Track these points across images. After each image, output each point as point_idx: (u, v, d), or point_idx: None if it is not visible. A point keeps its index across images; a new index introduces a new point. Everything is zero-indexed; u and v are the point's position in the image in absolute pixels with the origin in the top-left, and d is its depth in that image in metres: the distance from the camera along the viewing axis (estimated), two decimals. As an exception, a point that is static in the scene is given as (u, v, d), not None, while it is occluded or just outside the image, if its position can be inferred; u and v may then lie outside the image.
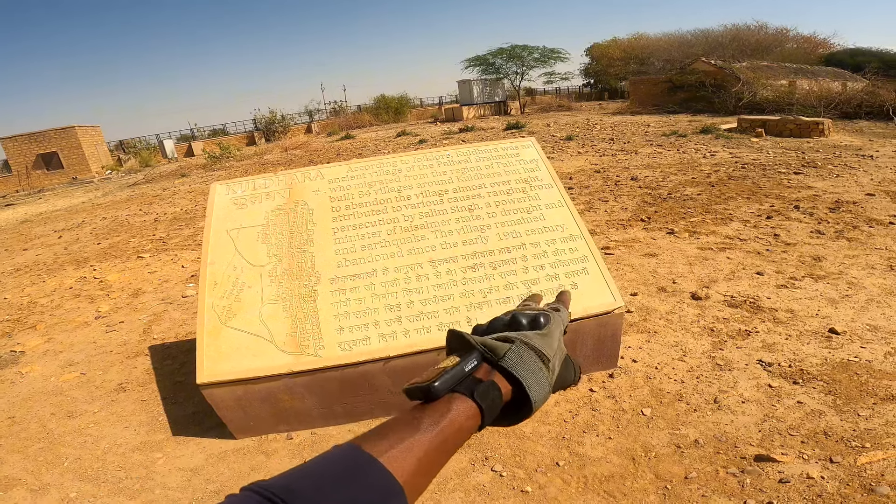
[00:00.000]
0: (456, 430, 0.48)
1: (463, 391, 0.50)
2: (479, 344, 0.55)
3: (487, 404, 0.51)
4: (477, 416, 0.50)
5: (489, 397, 0.51)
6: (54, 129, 26.11)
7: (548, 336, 0.58)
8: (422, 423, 0.47)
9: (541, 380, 0.54)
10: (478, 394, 0.50)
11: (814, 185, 6.46)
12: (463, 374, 0.52)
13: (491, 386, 0.52)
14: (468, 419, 0.50)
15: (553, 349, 0.58)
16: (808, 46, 28.62)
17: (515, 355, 0.54)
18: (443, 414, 0.48)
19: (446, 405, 0.49)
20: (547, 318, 0.60)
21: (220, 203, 2.96)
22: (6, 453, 2.76)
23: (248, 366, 2.39)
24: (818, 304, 3.36)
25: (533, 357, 0.55)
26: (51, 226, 10.85)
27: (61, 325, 4.61)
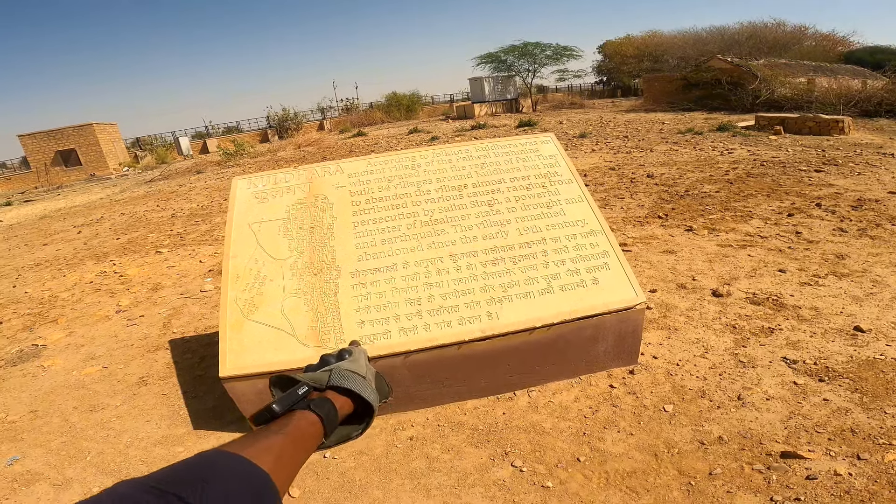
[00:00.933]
0: (303, 434, 0.58)
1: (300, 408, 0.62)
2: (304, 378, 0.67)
3: (325, 412, 0.62)
4: (318, 423, 0.61)
5: (325, 408, 0.62)
6: (72, 127, 26.54)
7: (355, 361, 0.74)
8: (271, 430, 0.56)
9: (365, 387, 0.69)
10: (314, 405, 0.62)
11: (835, 183, 6.35)
12: (297, 397, 0.64)
13: (324, 400, 0.64)
14: (311, 424, 0.60)
15: (363, 369, 0.73)
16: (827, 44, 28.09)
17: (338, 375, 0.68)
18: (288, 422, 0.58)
19: (289, 417, 0.60)
20: (350, 351, 0.77)
21: (242, 197, 2.98)
22: (29, 447, 2.79)
23: (269, 359, 2.41)
24: (842, 302, 3.30)
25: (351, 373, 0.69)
26: (70, 221, 11.02)
27: (82, 319, 4.68)
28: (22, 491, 2.43)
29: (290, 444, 0.54)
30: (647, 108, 21.02)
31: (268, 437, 0.54)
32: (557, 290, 2.57)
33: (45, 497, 2.38)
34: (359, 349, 0.80)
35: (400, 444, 2.45)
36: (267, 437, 0.54)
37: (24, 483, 2.49)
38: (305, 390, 0.65)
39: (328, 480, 2.27)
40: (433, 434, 2.49)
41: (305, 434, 0.58)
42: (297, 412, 0.61)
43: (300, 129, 30.61)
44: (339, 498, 2.17)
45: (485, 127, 18.39)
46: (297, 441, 0.56)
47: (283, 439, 0.54)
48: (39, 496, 2.39)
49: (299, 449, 0.56)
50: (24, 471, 2.59)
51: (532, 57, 29.51)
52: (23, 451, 2.77)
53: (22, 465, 2.64)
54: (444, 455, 2.35)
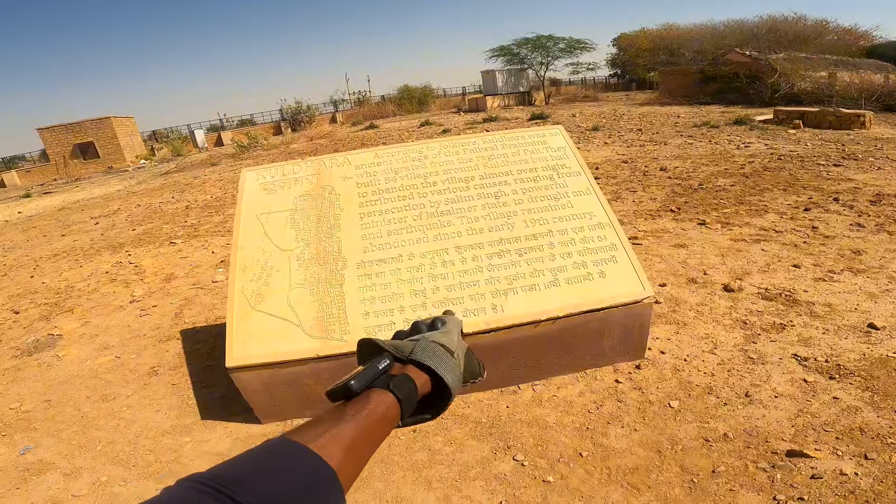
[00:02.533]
0: (378, 419, 0.53)
1: (380, 386, 0.56)
2: (388, 346, 0.62)
3: (404, 394, 0.57)
4: (396, 406, 0.56)
5: (405, 388, 0.57)
6: (90, 120, 26.92)
7: (447, 333, 0.67)
8: (345, 415, 0.52)
9: (451, 366, 0.62)
10: (393, 385, 0.56)
11: (854, 178, 6.20)
12: (377, 372, 0.58)
13: (405, 378, 0.58)
14: (388, 408, 0.55)
15: (454, 344, 0.66)
16: (849, 39, 27.43)
17: (422, 349, 0.62)
18: (363, 405, 0.54)
19: (365, 399, 0.55)
20: (443, 321, 0.71)
21: (251, 188, 2.99)
22: (41, 437, 2.83)
23: (275, 349, 2.43)
24: (857, 299, 3.23)
25: (438, 348, 0.63)
26: (87, 213, 11.19)
27: (97, 309, 4.75)
28: (33, 480, 2.47)
29: (363, 432, 0.51)
30: (662, 102, 20.72)
31: (340, 423, 0.51)
32: (563, 283, 2.55)
33: (55, 486, 2.42)
34: (454, 319, 0.73)
35: (402, 435, 2.46)
36: (339, 424, 0.50)
37: (35, 472, 2.53)
38: (386, 364, 0.59)
39: (332, 471, 2.29)
40: (436, 426, 2.50)
41: (381, 419, 0.54)
42: (374, 392, 0.56)
43: (313, 122, 30.71)
44: (341, 488, 2.18)
45: (497, 119, 18.27)
46: (371, 428, 0.52)
47: (356, 426, 0.51)
48: (50, 485, 2.43)
49: (373, 436, 0.53)
50: (36, 460, 2.63)
51: (545, 50, 29.19)
52: (36, 440, 2.81)
53: (34, 454, 2.68)
54: (446, 448, 2.35)
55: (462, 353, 0.68)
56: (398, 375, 0.58)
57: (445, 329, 0.69)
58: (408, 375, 0.59)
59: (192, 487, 0.38)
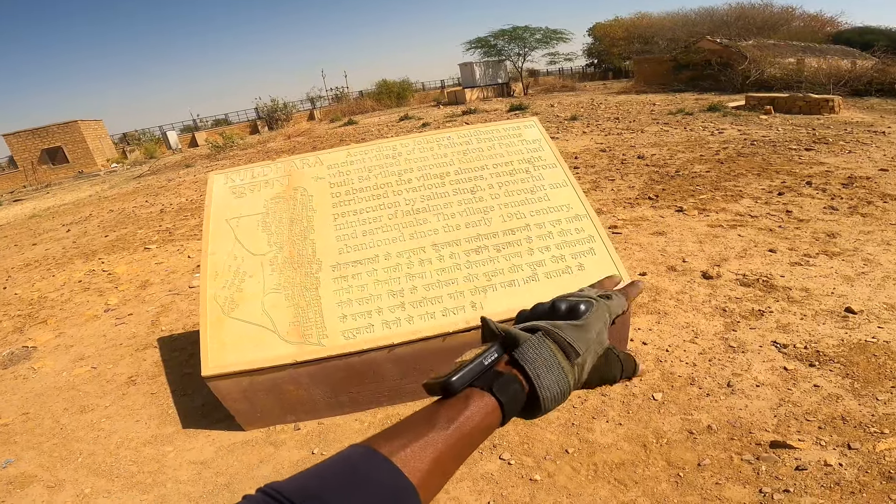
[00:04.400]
0: (474, 427, 0.47)
1: (482, 385, 0.48)
2: (501, 332, 0.52)
3: (508, 398, 0.48)
4: (497, 411, 0.48)
5: (510, 391, 0.48)
6: (57, 124, 26.22)
7: (583, 327, 0.53)
8: (438, 421, 0.46)
9: (557, 375, 0.50)
10: (497, 387, 0.48)
11: (826, 161, 6.31)
12: (482, 368, 0.49)
13: (511, 379, 0.49)
14: (487, 415, 0.47)
15: (587, 342, 0.53)
16: (816, 25, 28.03)
17: (530, 348, 0.50)
18: (460, 410, 0.47)
19: (464, 401, 0.47)
20: (588, 305, 0.55)
21: (219, 192, 2.91)
22: (21, 450, 2.78)
23: (252, 357, 2.36)
24: (833, 282, 3.27)
25: (551, 350, 0.51)
26: (59, 220, 10.89)
27: (71, 319, 4.62)
28: (16, 493, 2.43)
29: (456, 442, 0.46)
30: (637, 90, 20.86)
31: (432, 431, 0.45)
32: (542, 278, 2.52)
33: (39, 499, 2.38)
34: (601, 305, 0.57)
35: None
36: (431, 432, 0.45)
37: (18, 486, 2.48)
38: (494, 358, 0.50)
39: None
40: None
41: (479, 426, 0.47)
42: (475, 393, 0.48)
43: (290, 120, 30.28)
44: (324, 496, 2.14)
45: (476, 112, 18.22)
46: (464, 437, 0.46)
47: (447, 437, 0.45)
48: (34, 498, 2.39)
49: (465, 447, 0.47)
50: (18, 473, 2.58)
51: (522, 41, 29.17)
52: (16, 453, 2.76)
53: (16, 467, 2.63)
54: (430, 449, 2.31)
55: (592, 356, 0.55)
56: (505, 375, 0.49)
57: (584, 320, 0.54)
58: (516, 376, 0.50)
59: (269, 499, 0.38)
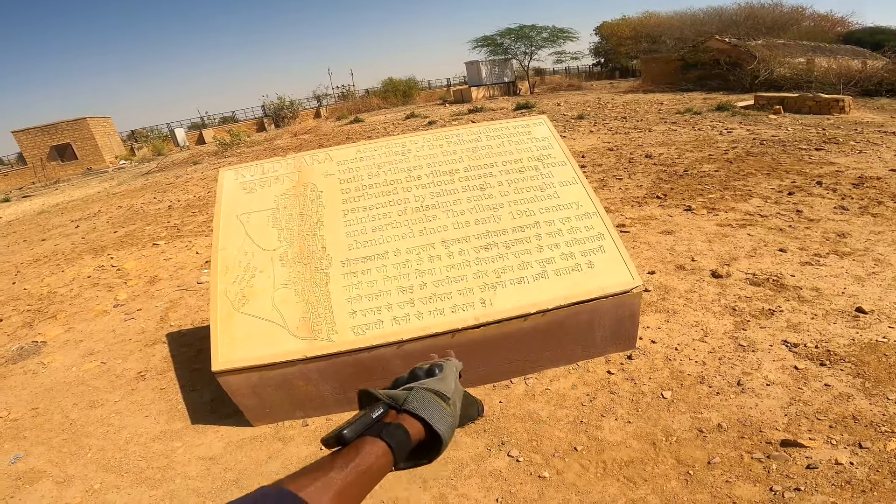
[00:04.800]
0: (368, 467, 0.55)
1: (372, 434, 0.58)
2: (383, 396, 0.63)
3: (396, 442, 0.58)
4: (388, 454, 0.58)
5: (396, 436, 0.59)
6: (66, 122, 26.40)
7: (443, 380, 0.69)
8: (335, 464, 0.54)
9: (443, 415, 0.63)
10: (385, 434, 0.58)
11: (836, 161, 6.25)
12: (371, 421, 0.60)
13: (397, 427, 0.60)
14: (379, 458, 0.57)
15: (450, 390, 0.68)
16: (826, 25, 27.82)
17: (415, 398, 0.63)
18: (355, 455, 0.56)
19: (357, 447, 0.57)
20: (441, 367, 0.72)
21: (230, 188, 2.92)
22: (31, 445, 2.78)
23: (261, 352, 2.37)
24: (844, 282, 3.24)
25: (432, 397, 0.64)
26: (68, 216, 10.97)
27: (81, 315, 4.65)
28: (26, 489, 2.43)
29: (354, 480, 0.53)
30: (645, 89, 20.77)
31: (331, 471, 0.53)
32: (552, 275, 2.52)
33: (48, 495, 2.38)
34: (450, 363, 0.75)
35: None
36: (330, 472, 0.53)
37: (27, 481, 2.48)
38: (380, 413, 0.61)
39: (324, 473, 2.25)
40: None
41: (373, 467, 0.56)
42: (367, 441, 0.58)
43: (296, 118, 30.35)
44: (334, 491, 2.15)
45: (482, 110, 18.18)
46: (362, 475, 0.55)
47: (346, 475, 0.53)
48: (43, 494, 2.39)
49: (364, 483, 0.55)
50: (27, 469, 2.58)
51: (528, 40, 29.09)
52: (25, 449, 2.76)
53: (25, 463, 2.63)
54: (439, 446, 2.32)
55: (459, 399, 0.70)
56: (391, 424, 0.60)
57: (442, 375, 0.70)
58: (401, 424, 0.60)
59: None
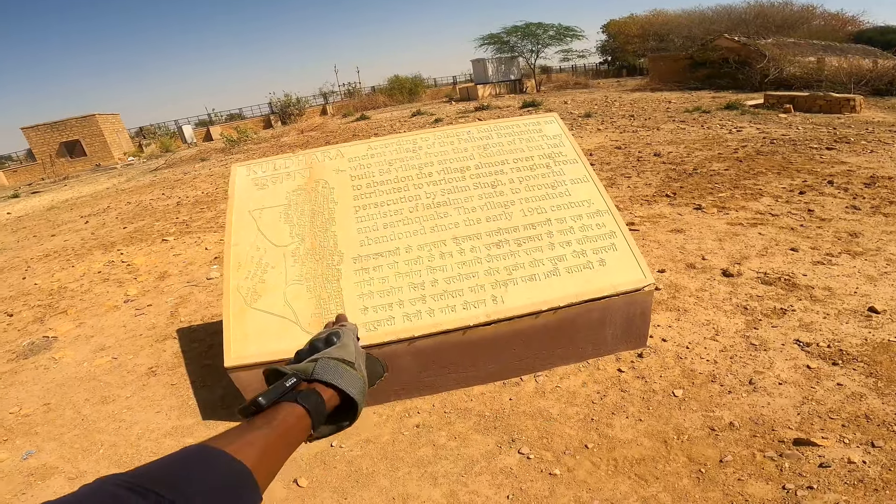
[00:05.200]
0: (289, 427, 0.57)
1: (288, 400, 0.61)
2: (290, 371, 0.65)
3: (311, 405, 0.61)
4: (305, 417, 0.60)
5: (311, 400, 0.61)
6: (75, 118, 26.59)
7: (343, 347, 0.71)
8: (255, 423, 0.56)
9: (352, 379, 0.67)
10: (300, 398, 0.61)
11: (847, 161, 6.20)
12: (285, 389, 0.62)
13: (311, 392, 0.62)
14: (298, 419, 0.59)
15: (352, 355, 0.71)
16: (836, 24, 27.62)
17: (322, 368, 0.66)
18: (274, 416, 0.58)
19: (275, 410, 0.59)
20: (338, 334, 0.74)
21: (241, 184, 2.93)
22: (43, 441, 2.79)
23: (274, 348, 2.38)
24: (856, 282, 3.22)
25: (337, 364, 0.67)
26: (77, 212, 11.05)
27: (91, 310, 4.68)
28: (38, 485, 2.43)
29: (275, 439, 0.54)
30: (652, 88, 20.68)
31: (252, 431, 0.54)
32: (563, 273, 2.52)
33: (60, 491, 2.37)
34: (346, 329, 0.77)
35: (406, 431, 2.43)
36: (251, 432, 0.54)
37: (39, 477, 2.49)
38: (293, 382, 0.63)
39: (335, 469, 2.26)
40: (439, 421, 2.47)
41: (292, 427, 0.58)
42: (283, 405, 0.60)
43: (303, 115, 30.42)
44: (346, 486, 2.16)
45: (488, 108, 18.16)
46: (282, 435, 0.56)
47: (267, 433, 0.54)
48: (55, 490, 2.39)
49: (284, 443, 0.56)
50: (39, 465, 2.59)
51: (534, 37, 29.04)
52: (37, 444, 2.77)
53: (37, 458, 2.64)
54: (450, 442, 2.32)
55: (362, 362, 0.73)
56: (305, 390, 0.63)
57: (341, 343, 0.72)
58: (315, 390, 0.63)
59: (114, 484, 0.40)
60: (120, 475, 0.41)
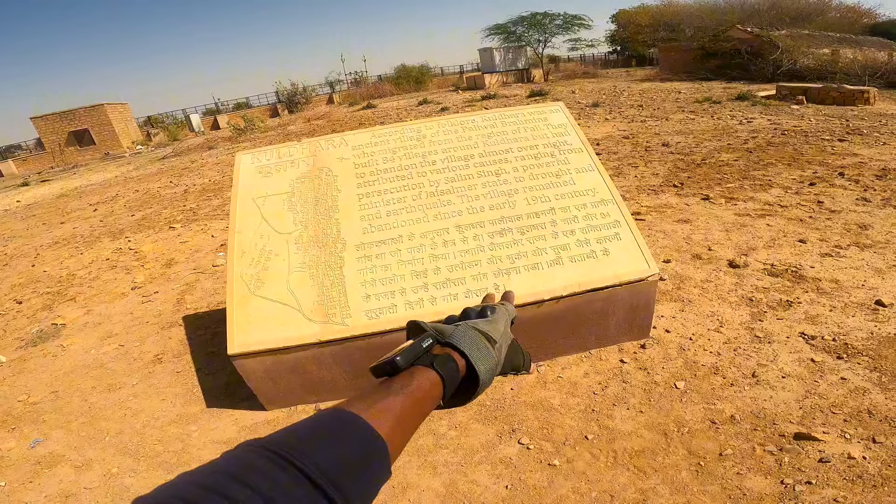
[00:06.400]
0: (424, 395, 0.54)
1: (423, 364, 0.57)
2: (429, 328, 0.62)
3: (447, 373, 0.57)
4: (439, 384, 0.56)
5: (447, 367, 0.57)
6: (84, 108, 26.73)
7: (493, 322, 0.67)
8: (392, 389, 0.53)
9: (486, 355, 0.62)
10: (436, 363, 0.57)
11: (859, 153, 6.10)
12: (420, 350, 0.59)
13: (447, 357, 0.59)
14: (432, 386, 0.56)
15: (499, 333, 0.66)
16: (852, 16, 27.07)
17: (460, 333, 0.62)
18: (410, 381, 0.54)
19: (410, 375, 0.56)
20: (493, 309, 0.70)
21: (246, 172, 2.93)
22: (50, 429, 2.82)
23: (276, 335, 2.39)
24: (864, 274, 3.18)
25: (477, 335, 0.62)
26: (86, 199, 11.13)
27: (99, 297, 4.72)
28: (45, 474, 2.46)
29: (410, 406, 0.52)
30: (662, 78, 20.44)
31: (388, 396, 0.52)
32: (567, 262, 2.50)
33: (66, 479, 2.40)
34: (503, 308, 0.72)
35: (406, 419, 2.44)
36: (388, 397, 0.52)
37: (46, 465, 2.51)
38: (429, 343, 0.60)
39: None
40: (440, 410, 2.47)
41: (426, 395, 0.55)
42: (419, 369, 0.57)
43: (309, 103, 30.41)
44: (346, 473, 2.17)
45: (495, 97, 18.04)
46: (417, 403, 0.54)
47: (403, 400, 0.52)
48: (61, 478, 2.41)
49: (418, 411, 0.54)
50: (46, 453, 2.61)
51: (542, 27, 28.78)
52: (45, 432, 2.79)
53: (45, 447, 2.67)
54: (450, 432, 2.33)
55: (505, 344, 0.68)
56: (441, 355, 0.59)
57: (492, 318, 0.68)
58: (450, 355, 0.59)
59: (252, 451, 0.40)
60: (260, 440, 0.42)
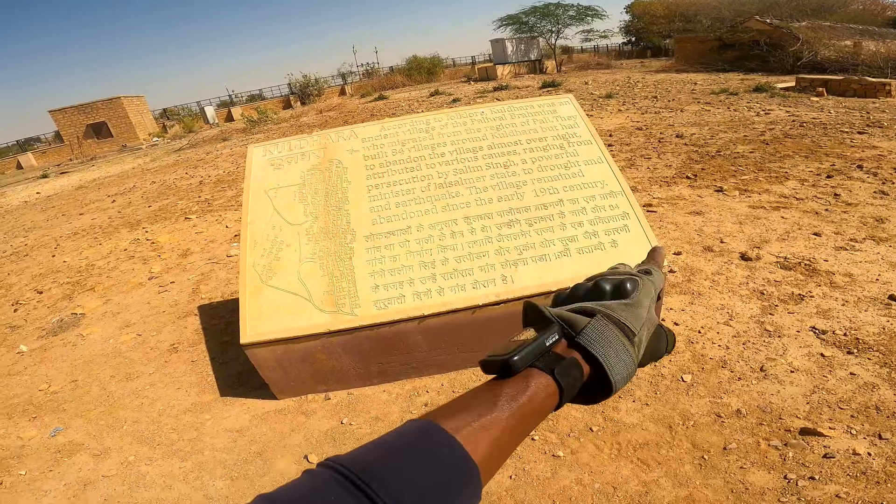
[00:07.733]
0: (534, 410, 0.46)
1: (542, 367, 0.47)
2: (555, 317, 0.50)
3: (568, 383, 0.47)
4: (556, 396, 0.47)
5: (570, 376, 0.47)
6: (101, 101, 27.15)
7: (634, 306, 0.51)
8: (499, 400, 0.45)
9: (624, 358, 0.49)
10: (558, 371, 0.47)
11: (879, 146, 5.98)
12: (543, 349, 0.48)
13: (573, 364, 0.48)
14: (547, 398, 0.46)
15: (640, 321, 0.51)
16: (876, 8, 26.34)
17: (595, 331, 0.49)
18: (521, 391, 0.46)
19: (525, 382, 0.46)
20: (634, 284, 0.53)
21: (258, 164, 2.97)
22: (70, 418, 2.89)
23: (287, 325, 2.43)
24: (879, 269, 3.14)
25: (615, 333, 0.49)
26: (104, 191, 11.32)
27: (117, 287, 4.82)
28: (64, 462, 2.52)
29: (514, 424, 0.44)
30: (678, 69, 20.12)
31: (492, 411, 0.44)
32: (574, 253, 2.51)
33: (85, 467, 2.46)
34: (647, 281, 0.55)
35: (415, 410, 2.48)
36: (491, 412, 0.44)
37: (66, 454, 2.58)
38: (555, 340, 0.49)
39: (345, 447, 2.31)
40: (448, 400, 2.50)
41: (537, 409, 0.46)
42: (535, 374, 0.47)
43: (322, 95, 30.48)
44: (355, 464, 2.21)
45: (507, 88, 17.92)
46: (524, 419, 0.45)
47: (509, 418, 0.44)
48: (80, 467, 2.47)
49: (522, 429, 0.46)
50: (66, 441, 2.68)
51: (555, 17, 28.44)
52: (65, 421, 2.86)
53: (64, 435, 2.73)
54: (456, 420, 2.35)
55: (647, 335, 0.53)
56: (566, 359, 0.48)
57: (634, 298, 0.52)
58: (576, 361, 0.48)
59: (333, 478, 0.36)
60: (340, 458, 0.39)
